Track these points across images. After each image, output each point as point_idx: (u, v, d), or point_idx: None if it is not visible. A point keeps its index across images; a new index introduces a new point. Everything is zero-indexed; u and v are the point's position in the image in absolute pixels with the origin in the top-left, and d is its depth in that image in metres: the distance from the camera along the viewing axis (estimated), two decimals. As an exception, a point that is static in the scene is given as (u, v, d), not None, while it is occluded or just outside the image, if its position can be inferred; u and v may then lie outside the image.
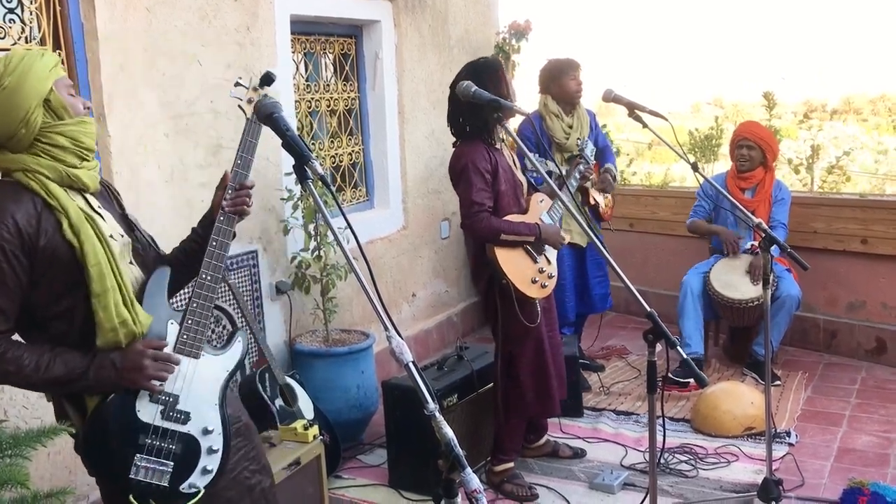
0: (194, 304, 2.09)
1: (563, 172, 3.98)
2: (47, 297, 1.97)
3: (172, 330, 2.08)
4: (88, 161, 2.04)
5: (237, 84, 2.29)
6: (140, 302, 2.07)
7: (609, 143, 5.10)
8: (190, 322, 2.09)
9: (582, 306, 4.88)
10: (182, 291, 2.35)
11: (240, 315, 3.82)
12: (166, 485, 2.00)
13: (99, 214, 2.05)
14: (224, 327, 3.97)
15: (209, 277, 2.11)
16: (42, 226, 1.92)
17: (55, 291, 1.97)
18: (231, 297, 3.66)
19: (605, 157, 4.81)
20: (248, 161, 2.25)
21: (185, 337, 2.08)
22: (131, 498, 1.96)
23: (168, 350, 2.06)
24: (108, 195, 2.21)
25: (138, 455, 1.99)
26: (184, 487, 2.03)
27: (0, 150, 1.95)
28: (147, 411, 2.02)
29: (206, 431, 2.07)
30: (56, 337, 2.00)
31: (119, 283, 2.00)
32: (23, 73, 1.92)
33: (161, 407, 2.03)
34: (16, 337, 2.00)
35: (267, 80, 2.30)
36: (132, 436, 1.99)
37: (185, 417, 2.05)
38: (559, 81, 4.68)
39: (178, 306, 2.15)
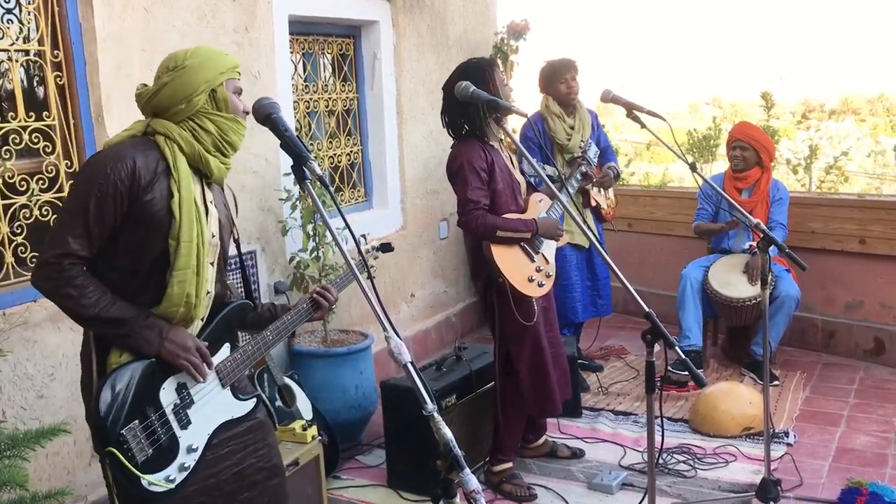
0: (250, 347, 2.28)
1: (563, 176, 3.98)
2: (122, 247, 2.08)
3: (224, 350, 2.25)
4: (225, 156, 2.22)
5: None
6: (212, 321, 2.24)
7: (611, 144, 5.11)
8: (238, 355, 2.26)
9: (592, 309, 4.85)
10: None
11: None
12: (135, 466, 2.00)
13: (206, 208, 2.19)
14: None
15: (271, 336, 2.32)
16: (155, 183, 2.08)
17: (131, 247, 2.09)
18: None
19: (607, 158, 4.82)
20: (343, 285, 2.61)
21: (227, 364, 2.23)
22: (111, 449, 1.97)
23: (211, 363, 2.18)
24: (226, 198, 2.37)
25: (137, 422, 2.02)
26: (147, 479, 2.02)
27: (157, 116, 2.16)
28: (167, 395, 2.10)
29: (190, 449, 2.13)
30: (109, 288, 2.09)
31: (200, 267, 2.14)
32: (203, 61, 2.16)
33: (178, 401, 2.11)
34: None
35: (386, 248, 2.75)
36: (144, 403, 2.05)
37: (186, 423, 2.12)
38: (553, 84, 4.69)
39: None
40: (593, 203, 4.66)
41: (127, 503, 2.06)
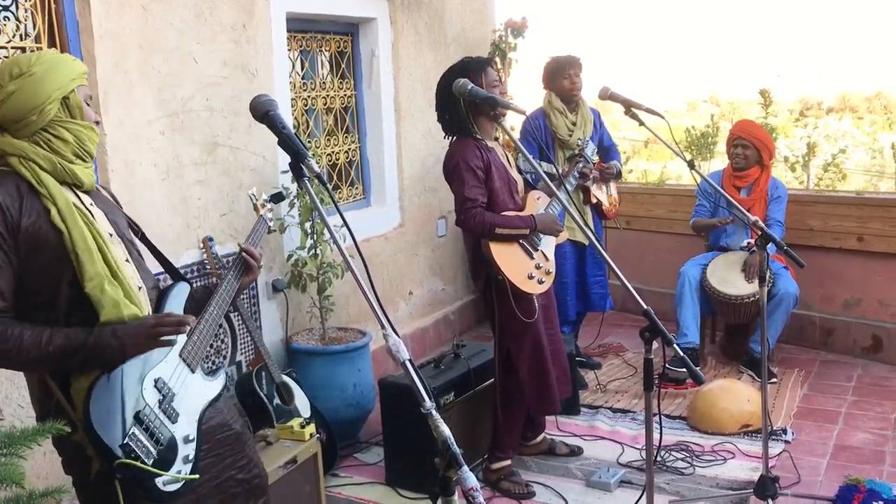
0: (202, 325, 2.20)
1: (561, 173, 3.99)
2: (31, 283, 1.97)
3: (181, 337, 2.12)
4: (85, 161, 2.08)
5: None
6: (161, 307, 2.16)
7: (615, 143, 5.10)
8: (196, 337, 2.18)
9: (581, 305, 4.88)
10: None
11: (237, 315, 3.85)
12: (149, 464, 1.96)
13: (90, 212, 2.07)
14: (223, 340, 3.97)
15: (215, 310, 2.26)
16: (25, 207, 1.95)
17: (40, 278, 1.97)
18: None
19: (610, 157, 4.82)
20: (257, 240, 2.59)
21: (188, 348, 2.16)
22: (124, 460, 1.92)
23: (175, 352, 2.10)
24: (109, 198, 2.25)
25: (135, 429, 1.96)
26: (162, 479, 2.00)
27: (1, 132, 1.99)
28: (150, 394, 2.04)
29: (186, 439, 2.09)
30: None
31: (115, 269, 2.03)
32: (51, 67, 2.00)
33: (160, 397, 2.05)
34: None
35: (278, 198, 2.67)
36: (134, 408, 1.99)
37: (175, 416, 2.08)
38: (556, 79, 4.69)
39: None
40: (594, 200, 4.66)
41: None
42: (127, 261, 2.13)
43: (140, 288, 2.11)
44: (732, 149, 4.94)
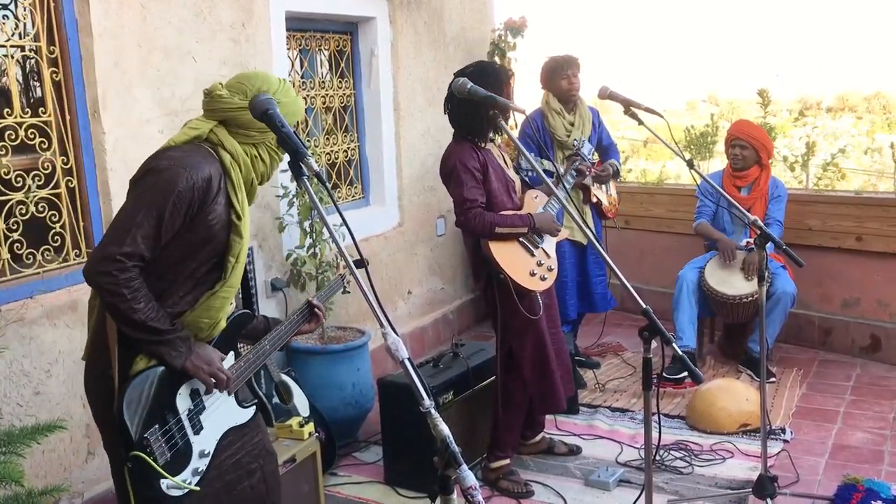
0: (251, 356, 2.36)
1: (561, 171, 3.99)
2: (171, 251, 2.10)
3: (229, 359, 2.30)
4: (260, 185, 2.31)
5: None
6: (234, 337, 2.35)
7: (614, 141, 5.10)
8: (242, 364, 2.32)
9: (583, 305, 4.87)
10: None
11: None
12: (160, 464, 2.04)
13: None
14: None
15: (269, 346, 2.41)
16: (218, 198, 2.13)
17: (178, 253, 2.12)
18: None
19: (609, 155, 4.82)
20: (328, 296, 2.81)
21: (233, 371, 2.27)
22: (138, 452, 2.00)
23: None
24: None
25: (157, 426, 2.06)
26: (168, 482, 2.06)
27: (225, 125, 2.19)
28: (183, 401, 2.15)
29: (202, 454, 2.17)
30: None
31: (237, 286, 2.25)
32: (293, 103, 2.26)
33: (191, 406, 2.15)
34: None
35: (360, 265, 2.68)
36: (163, 408, 2.09)
37: (199, 428, 2.17)
38: (554, 80, 4.68)
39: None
40: (593, 199, 4.66)
41: None
42: None
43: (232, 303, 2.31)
44: (731, 149, 4.94)
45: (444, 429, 1.55)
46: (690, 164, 3.26)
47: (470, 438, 3.78)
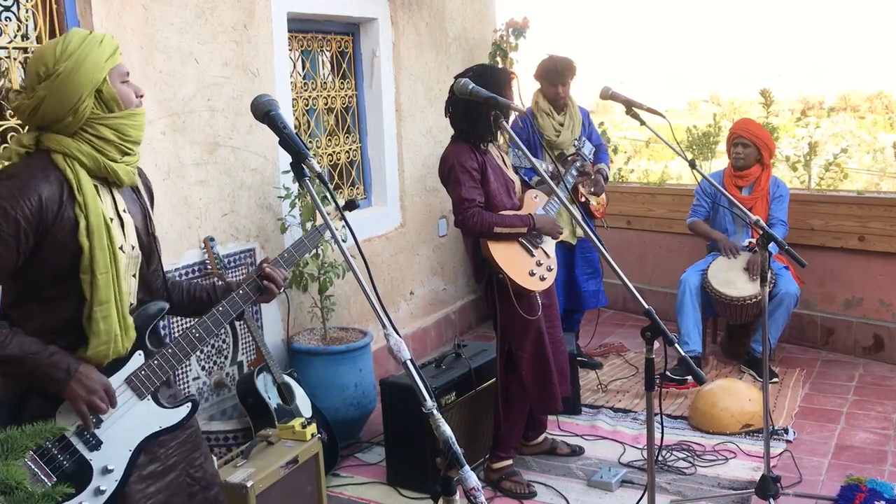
0: (169, 350, 2.09)
1: (559, 171, 3.99)
2: (39, 275, 1.94)
3: (136, 360, 2.06)
4: (131, 155, 2.03)
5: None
6: (145, 334, 2.09)
7: (604, 142, 5.10)
8: (155, 363, 2.07)
9: (569, 302, 4.87)
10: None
11: (242, 325, 3.86)
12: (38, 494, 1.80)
13: (121, 219, 2.03)
14: (224, 340, 3.98)
15: (198, 334, 2.11)
16: (62, 212, 1.91)
17: (47, 276, 1.95)
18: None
19: (598, 157, 4.81)
20: (293, 258, 2.36)
21: (142, 373, 2.05)
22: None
23: (120, 376, 2.03)
24: (138, 192, 2.17)
25: (31, 453, 1.85)
26: None
27: (45, 130, 1.94)
28: (65, 418, 1.94)
29: (105, 470, 1.97)
30: (31, 322, 1.95)
31: (121, 294, 1.99)
32: (78, 61, 1.90)
33: (80, 422, 1.95)
34: None
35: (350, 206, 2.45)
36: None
37: (95, 444, 1.97)
38: (545, 83, 4.71)
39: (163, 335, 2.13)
40: (582, 199, 4.66)
41: None
42: (133, 276, 2.08)
43: (131, 305, 2.07)
44: (732, 148, 4.93)
45: (447, 429, 1.55)
46: (692, 164, 3.26)
47: (472, 439, 3.78)
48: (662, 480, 3.63)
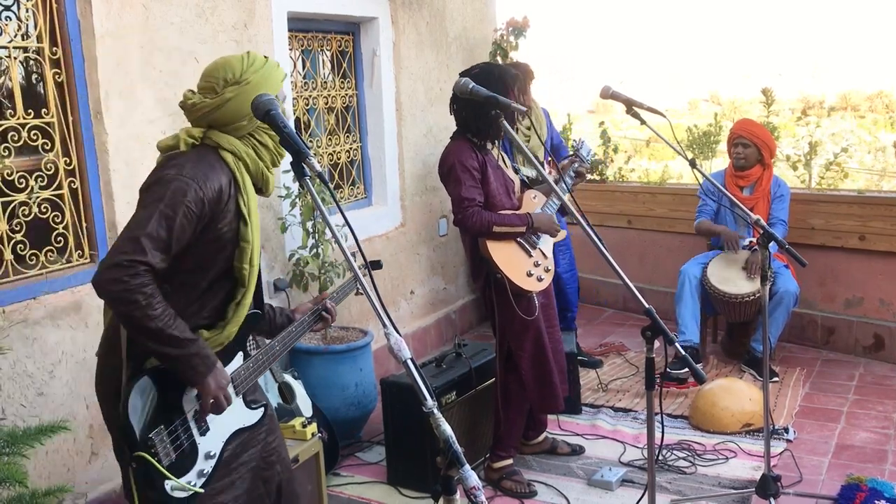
0: (260, 356, 2.32)
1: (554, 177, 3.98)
2: (187, 263, 2.08)
3: (237, 359, 2.27)
4: (276, 168, 2.26)
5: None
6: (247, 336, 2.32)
7: (563, 141, 5.15)
8: (251, 364, 2.29)
9: (560, 300, 4.86)
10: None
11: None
12: (164, 465, 2.01)
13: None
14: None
15: (279, 346, 2.37)
16: (228, 206, 2.09)
17: (193, 265, 2.10)
18: None
19: (560, 154, 4.84)
20: (341, 297, 2.68)
21: (241, 372, 2.25)
22: (141, 453, 1.97)
23: (227, 371, 2.21)
24: None
25: (162, 427, 2.03)
26: (172, 483, 2.04)
27: (215, 128, 2.14)
28: (189, 401, 2.12)
29: (208, 455, 2.14)
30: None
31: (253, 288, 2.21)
32: (264, 75, 2.15)
33: (198, 407, 2.12)
34: None
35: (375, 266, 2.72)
36: (169, 409, 2.07)
37: (205, 429, 2.15)
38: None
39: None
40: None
41: None
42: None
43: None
44: (733, 148, 4.93)
45: (447, 429, 1.55)
46: (693, 164, 3.26)
47: (473, 438, 3.78)
48: (663, 480, 3.63)
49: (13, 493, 2.07)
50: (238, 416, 2.25)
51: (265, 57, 2.22)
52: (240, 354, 2.28)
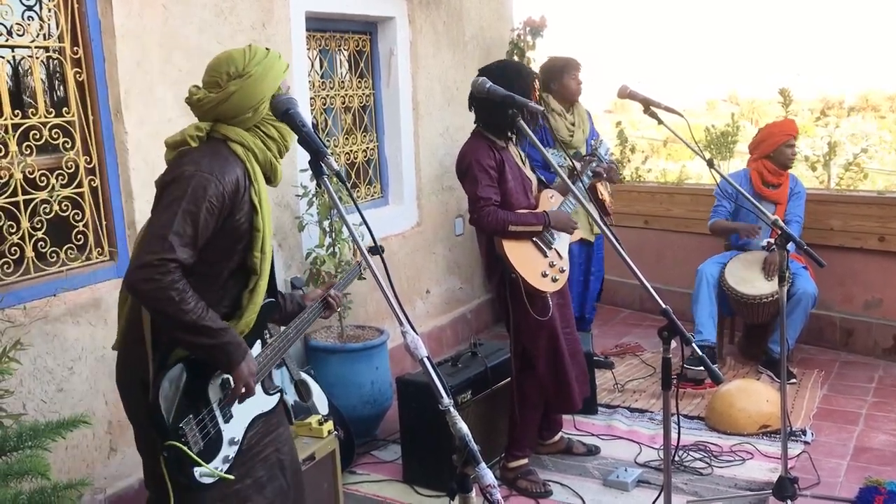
0: (276, 343, 2.38)
1: (577, 170, 3.98)
2: (206, 255, 2.11)
3: (256, 347, 2.31)
4: (282, 158, 2.29)
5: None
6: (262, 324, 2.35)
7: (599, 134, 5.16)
8: (268, 352, 2.35)
9: (577, 308, 4.86)
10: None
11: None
12: (194, 452, 2.07)
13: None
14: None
15: (293, 333, 2.45)
16: (244, 197, 2.14)
17: (213, 257, 2.13)
18: None
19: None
20: (345, 284, 2.77)
21: (259, 360, 2.29)
22: (173, 442, 2.03)
23: None
24: None
25: (192, 415, 2.09)
26: (200, 470, 2.10)
27: (221, 122, 2.18)
28: (214, 390, 2.18)
29: (232, 441, 2.21)
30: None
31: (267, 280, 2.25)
32: (266, 67, 2.18)
33: (222, 396, 2.19)
34: None
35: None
36: (196, 398, 2.13)
37: (229, 417, 2.21)
38: (561, 80, 4.70)
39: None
40: (600, 197, 4.65)
41: (181, 496, 2.11)
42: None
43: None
44: (786, 148, 4.88)
45: (463, 427, 1.55)
46: (710, 164, 3.24)
47: (488, 437, 3.78)
48: (679, 481, 3.61)
49: (35, 485, 2.09)
50: (258, 402, 2.30)
51: (266, 49, 2.25)
52: (258, 343, 2.33)
